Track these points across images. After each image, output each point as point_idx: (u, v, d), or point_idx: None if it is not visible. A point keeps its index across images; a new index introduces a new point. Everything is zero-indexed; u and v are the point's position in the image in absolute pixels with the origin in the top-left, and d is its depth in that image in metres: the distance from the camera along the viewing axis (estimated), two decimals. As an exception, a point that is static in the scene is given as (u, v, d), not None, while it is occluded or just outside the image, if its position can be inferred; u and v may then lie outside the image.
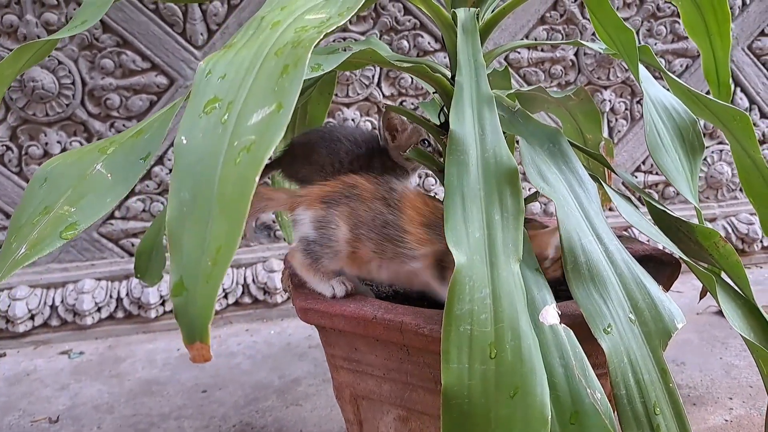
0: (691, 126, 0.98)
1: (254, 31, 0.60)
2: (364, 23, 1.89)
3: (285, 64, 0.53)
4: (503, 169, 0.71)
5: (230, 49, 0.58)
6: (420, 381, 0.86)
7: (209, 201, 0.49)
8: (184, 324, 0.47)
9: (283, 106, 0.51)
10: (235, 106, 0.53)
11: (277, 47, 0.56)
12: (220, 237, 0.47)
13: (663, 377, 0.71)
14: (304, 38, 0.55)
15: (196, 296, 0.47)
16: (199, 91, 0.55)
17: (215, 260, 0.47)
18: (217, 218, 0.48)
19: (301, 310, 0.90)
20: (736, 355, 1.57)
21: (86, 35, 1.75)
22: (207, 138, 0.52)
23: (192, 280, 0.47)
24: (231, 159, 0.50)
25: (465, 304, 0.63)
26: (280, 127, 0.50)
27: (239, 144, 0.50)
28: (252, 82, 0.54)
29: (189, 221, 0.49)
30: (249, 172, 0.48)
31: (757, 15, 2.08)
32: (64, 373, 1.64)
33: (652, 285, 0.76)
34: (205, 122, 0.53)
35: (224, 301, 1.89)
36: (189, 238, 0.48)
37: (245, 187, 0.48)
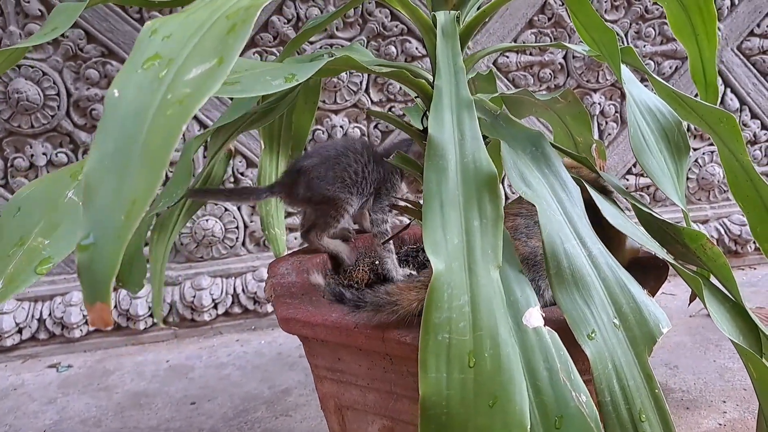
0: (676, 127, 0.97)
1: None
2: (351, 29, 1.88)
3: (233, 23, 0.52)
4: (482, 175, 0.70)
5: (182, 13, 0.56)
6: (404, 390, 0.84)
7: (132, 153, 0.47)
8: (86, 282, 0.44)
9: (224, 60, 0.49)
10: (175, 62, 0.51)
11: (230, 11, 0.54)
12: (137, 189, 0.45)
13: (648, 383, 0.70)
14: (259, 3, 0.53)
15: (103, 252, 0.44)
16: (141, 48, 0.53)
17: (128, 213, 0.44)
18: (137, 170, 0.46)
19: (283, 320, 0.88)
20: (729, 358, 1.56)
21: (70, 46, 1.73)
22: (140, 92, 0.49)
23: (101, 235, 0.45)
24: (162, 112, 0.48)
25: (443, 312, 0.62)
26: (217, 80, 0.48)
27: (173, 97, 0.48)
28: (198, 41, 0.52)
29: (108, 174, 0.46)
30: (177, 122, 0.46)
31: (745, 15, 2.08)
32: (52, 387, 1.62)
33: (636, 289, 0.75)
34: (141, 77, 0.51)
35: (214, 311, 1.88)
36: (105, 191, 0.46)
37: (170, 137, 0.46)
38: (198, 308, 1.84)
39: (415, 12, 0.85)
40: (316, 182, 1.11)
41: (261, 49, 1.84)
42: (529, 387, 0.63)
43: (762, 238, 0.97)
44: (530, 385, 0.63)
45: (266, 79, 0.69)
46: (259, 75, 0.70)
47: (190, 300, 1.85)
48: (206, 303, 1.84)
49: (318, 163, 1.13)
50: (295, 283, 0.99)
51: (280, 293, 0.94)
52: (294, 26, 1.83)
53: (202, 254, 1.92)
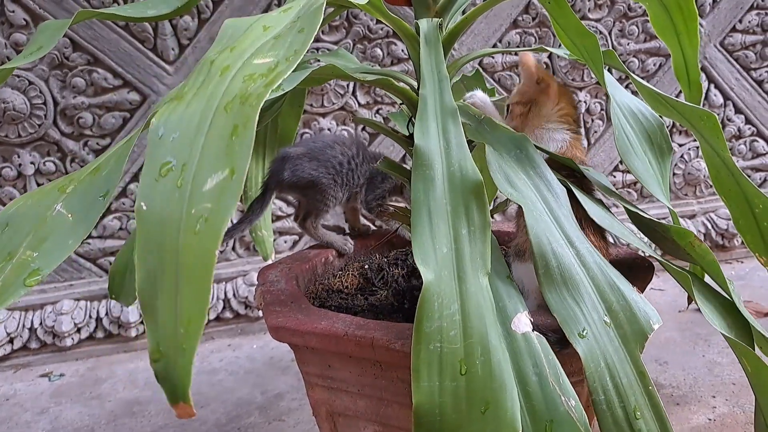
0: (659, 129, 0.99)
1: (204, 78, 0.59)
2: (337, 33, 1.88)
3: (234, 124, 0.53)
4: (469, 183, 0.70)
5: (181, 101, 0.57)
6: (394, 396, 0.85)
7: (175, 270, 0.50)
8: (166, 387, 0.49)
9: (235, 171, 0.51)
10: (189, 169, 0.53)
11: (226, 100, 0.56)
12: (189, 308, 0.48)
13: (642, 380, 0.71)
14: (251, 93, 0.54)
15: (174, 363, 0.48)
16: (154, 153, 0.55)
17: (187, 330, 0.48)
18: (184, 288, 0.49)
19: (273, 328, 0.89)
20: (718, 353, 1.57)
21: (56, 54, 1.73)
22: (165, 204, 0.52)
23: (168, 348, 0.49)
24: (190, 228, 0.50)
25: (434, 322, 0.62)
26: (234, 195, 0.50)
27: (196, 212, 0.50)
28: (203, 141, 0.54)
29: (159, 289, 0.50)
30: (209, 243, 0.49)
31: (727, 11, 2.10)
32: (44, 397, 1.62)
33: (626, 287, 0.76)
34: (162, 186, 0.53)
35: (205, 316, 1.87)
36: (162, 306, 0.49)
37: (207, 260, 0.49)
38: (189, 314, 1.84)
39: (396, 22, 0.86)
40: (300, 166, 1.14)
41: (247, 54, 1.84)
42: (519, 393, 0.64)
43: (745, 230, 0.99)
44: (521, 390, 0.64)
45: (252, 89, 0.69)
46: (246, 85, 0.71)
47: (181, 306, 1.84)
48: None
49: (304, 152, 1.17)
50: (284, 290, 0.99)
51: (270, 301, 0.95)
52: (279, 31, 1.83)
53: (192, 260, 1.92)
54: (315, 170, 1.14)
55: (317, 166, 1.15)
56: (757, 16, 2.11)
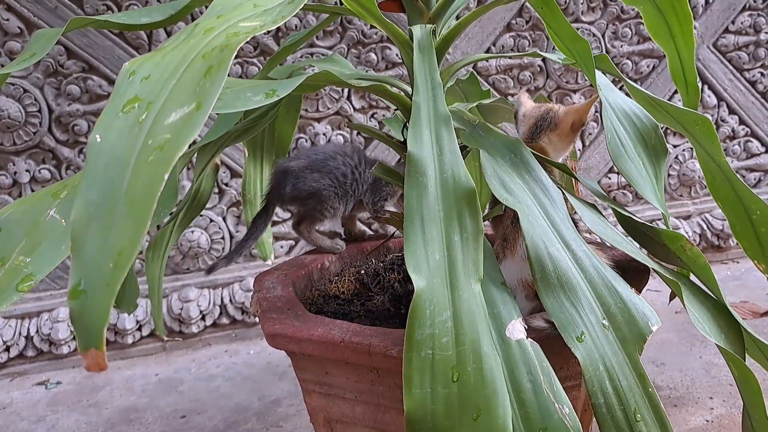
0: (653, 130, 0.99)
1: (186, 36, 0.59)
2: (331, 38, 1.89)
3: (209, 65, 0.53)
4: (461, 190, 0.71)
5: (159, 52, 0.57)
6: (391, 402, 0.85)
7: (116, 201, 0.48)
8: (79, 330, 0.46)
9: (201, 105, 0.50)
10: (154, 106, 0.52)
11: (205, 50, 0.55)
12: (123, 239, 0.46)
13: (641, 382, 0.70)
14: (232, 42, 0.54)
15: (94, 300, 0.45)
16: (120, 91, 0.54)
17: (116, 263, 0.46)
18: (123, 219, 0.47)
19: (269, 336, 0.89)
20: (715, 353, 1.57)
21: (51, 62, 1.73)
22: (122, 137, 0.51)
23: (91, 284, 0.46)
24: (143, 158, 0.49)
25: (426, 329, 0.62)
26: (196, 126, 0.49)
27: (153, 143, 0.49)
28: (175, 83, 0.53)
29: (94, 222, 0.47)
30: (159, 170, 0.47)
31: (720, 12, 2.10)
32: (41, 405, 1.62)
33: (624, 288, 0.76)
34: (122, 121, 0.52)
35: (202, 323, 1.87)
36: (92, 240, 0.47)
37: (153, 186, 0.47)
38: (186, 320, 1.84)
39: (390, 28, 0.86)
40: (302, 180, 1.16)
41: (242, 60, 1.84)
42: (513, 399, 0.64)
43: (741, 236, 0.99)
44: (514, 397, 0.64)
45: (247, 96, 0.70)
46: (240, 92, 0.71)
47: (178, 312, 1.84)
48: (194, 315, 1.84)
49: (305, 164, 1.18)
50: (280, 297, 1.00)
51: (266, 308, 0.95)
52: (274, 36, 1.84)
53: (188, 266, 1.92)
54: (317, 182, 1.15)
55: (319, 177, 1.16)
56: (750, 17, 2.12)
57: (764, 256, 0.95)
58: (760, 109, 2.21)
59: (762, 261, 0.95)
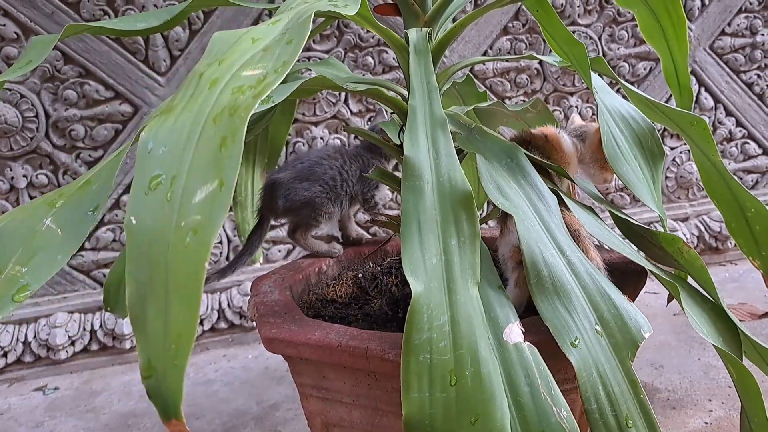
0: (650, 133, 0.99)
1: (193, 91, 0.59)
2: (328, 42, 1.89)
3: (223, 136, 0.53)
4: (458, 194, 0.71)
5: (170, 115, 0.57)
6: (389, 406, 0.85)
7: (165, 284, 0.49)
8: (158, 403, 0.48)
9: (224, 183, 0.51)
10: (178, 182, 0.53)
11: (215, 112, 0.55)
12: (179, 323, 0.48)
13: (633, 389, 0.71)
14: (240, 105, 0.54)
15: (165, 378, 0.48)
16: (143, 166, 0.55)
17: (178, 345, 0.48)
18: (174, 302, 0.49)
19: (266, 340, 0.89)
20: (713, 355, 1.57)
21: (48, 67, 1.73)
22: (155, 218, 0.52)
23: (159, 363, 0.48)
24: (180, 241, 0.50)
25: (424, 333, 0.62)
26: (223, 207, 0.50)
27: (186, 225, 0.50)
28: (192, 154, 0.54)
29: (149, 304, 0.50)
30: (198, 256, 0.49)
31: (716, 15, 2.11)
32: (38, 410, 1.61)
33: (617, 295, 0.76)
34: (151, 200, 0.53)
35: (200, 327, 1.87)
36: (151, 321, 0.49)
37: (197, 273, 0.49)
38: (184, 325, 1.84)
39: (386, 32, 0.86)
40: (293, 191, 1.16)
41: (238, 64, 1.84)
42: (511, 403, 0.64)
43: (737, 233, 0.99)
44: (512, 401, 0.64)
45: (243, 101, 0.70)
46: (236, 97, 0.71)
47: (176, 317, 1.84)
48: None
49: (293, 175, 1.18)
50: (278, 301, 0.99)
51: (263, 312, 0.95)
52: (271, 40, 1.83)
53: (186, 271, 1.91)
54: (307, 191, 1.16)
55: (309, 185, 1.16)
56: (746, 19, 2.12)
57: (759, 253, 0.96)
58: (757, 111, 2.21)
59: (757, 257, 0.96)
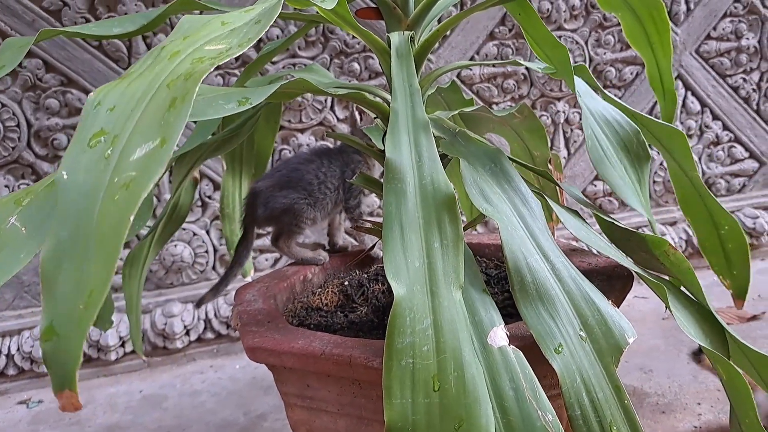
0: (635, 136, 0.98)
1: (152, 61, 0.58)
2: (313, 48, 1.88)
3: (173, 97, 0.52)
4: (441, 196, 0.70)
5: (124, 80, 0.56)
6: (374, 414, 0.84)
7: (87, 241, 0.47)
8: (53, 371, 0.46)
9: (166, 141, 0.50)
10: (120, 140, 0.51)
11: (170, 79, 0.54)
12: (94, 279, 0.46)
13: (617, 394, 0.70)
14: (197, 70, 0.53)
15: (66, 342, 0.45)
16: (86, 123, 0.53)
17: (87, 303, 0.45)
18: (93, 259, 0.47)
19: (249, 349, 0.87)
20: (702, 359, 1.57)
21: (29, 76, 1.71)
22: (89, 174, 0.50)
23: (63, 325, 0.46)
24: (110, 196, 0.48)
25: (406, 337, 0.61)
26: (161, 163, 0.49)
27: (119, 180, 0.49)
28: (140, 115, 0.53)
29: (65, 262, 0.47)
30: (125, 210, 0.47)
31: (701, 19, 2.11)
32: (22, 424, 1.59)
33: (601, 300, 0.75)
34: (88, 157, 0.51)
35: (186, 338, 1.85)
36: (63, 281, 0.47)
37: (119, 227, 0.47)
38: (170, 336, 1.82)
39: (368, 36, 0.85)
40: (272, 198, 1.16)
41: (223, 71, 1.83)
42: (495, 408, 0.63)
43: (710, 251, 0.99)
44: (497, 405, 0.63)
45: (219, 104, 0.69)
46: (212, 99, 0.70)
47: (162, 327, 1.82)
48: (178, 330, 1.82)
49: (272, 183, 1.18)
50: (261, 310, 0.98)
51: (246, 321, 0.93)
52: (255, 47, 1.82)
53: (171, 280, 1.90)
54: (286, 197, 1.15)
55: (288, 192, 1.15)
56: (731, 23, 2.13)
57: (731, 273, 0.95)
58: (743, 115, 2.22)
59: (728, 276, 0.96)
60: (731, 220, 0.93)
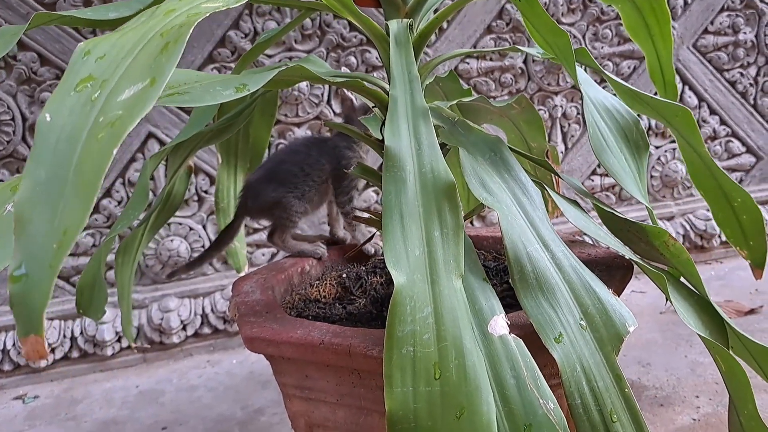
0: (634, 126, 0.98)
1: (147, 17, 0.57)
2: (310, 41, 1.87)
3: (167, 41, 0.51)
4: (441, 184, 0.69)
5: (117, 33, 0.55)
6: (374, 405, 0.83)
7: (64, 180, 0.46)
8: (19, 314, 0.43)
9: (156, 81, 0.49)
10: (108, 84, 0.50)
11: (164, 29, 0.53)
12: (69, 218, 0.45)
13: (618, 383, 0.69)
14: (192, 19, 0.53)
15: (35, 283, 0.43)
16: (74, 70, 0.52)
17: (60, 243, 0.44)
18: (70, 199, 0.45)
19: (247, 339, 0.86)
20: (700, 352, 1.57)
21: (24, 69, 1.70)
22: (73, 115, 0.49)
23: (33, 266, 0.44)
24: (94, 135, 0.47)
25: (407, 326, 0.60)
26: (148, 101, 0.47)
27: (105, 119, 0.47)
28: (131, 61, 0.52)
29: (40, 203, 0.46)
30: (108, 145, 0.46)
31: (699, 13, 2.11)
32: (18, 420, 1.58)
33: (601, 289, 0.75)
34: (74, 100, 0.50)
35: (183, 333, 1.84)
36: (37, 221, 0.45)
37: (101, 162, 0.45)
38: (166, 330, 1.81)
39: (367, 22, 0.84)
40: (261, 191, 1.17)
41: (219, 65, 1.82)
42: (497, 396, 0.62)
43: (724, 223, 0.99)
44: (498, 393, 0.62)
45: (216, 90, 0.68)
46: (209, 86, 0.69)
47: (158, 322, 1.81)
48: (175, 325, 1.81)
49: (261, 175, 1.19)
50: (259, 300, 0.97)
51: (244, 312, 0.92)
52: (251, 40, 1.82)
53: (168, 275, 1.89)
54: (275, 191, 1.16)
55: (276, 186, 1.16)
56: (728, 17, 2.13)
57: (747, 243, 0.95)
58: (740, 110, 2.22)
59: (744, 247, 0.95)
60: (743, 193, 0.92)
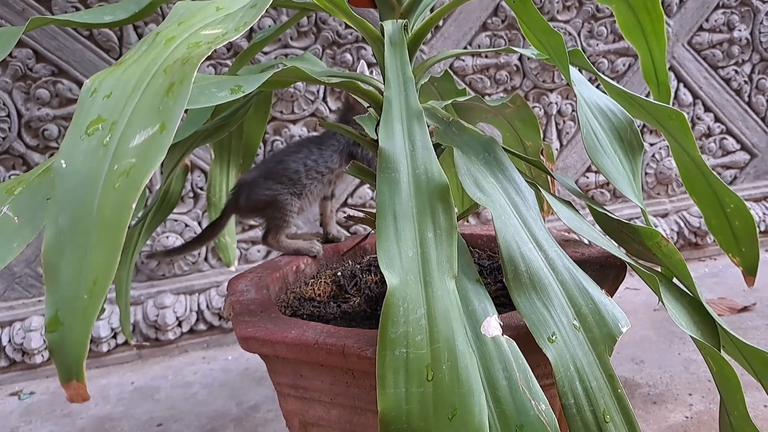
0: (628, 126, 0.98)
1: (147, 47, 0.58)
2: (306, 39, 1.87)
3: (171, 81, 0.52)
4: (434, 186, 0.69)
5: (120, 66, 0.55)
6: (367, 404, 0.84)
7: (88, 229, 0.47)
8: (59, 362, 0.45)
9: (166, 126, 0.49)
10: (118, 127, 0.51)
11: (166, 64, 0.54)
12: (97, 268, 0.46)
13: (611, 383, 0.70)
14: (194, 55, 0.53)
15: (71, 332, 0.45)
16: (83, 111, 0.53)
17: (91, 293, 0.45)
18: (95, 248, 0.46)
19: (242, 339, 0.87)
20: (693, 350, 1.57)
21: (19, 66, 1.70)
22: (87, 161, 0.50)
23: (68, 315, 0.45)
24: (110, 184, 0.48)
25: (400, 327, 0.61)
26: (161, 149, 0.48)
27: (119, 167, 0.48)
28: (137, 101, 0.52)
29: (67, 251, 0.47)
30: (126, 198, 0.47)
31: (694, 11, 2.11)
32: (13, 416, 1.58)
33: (594, 290, 0.75)
34: (86, 144, 0.51)
35: (178, 329, 1.85)
36: (66, 269, 0.46)
37: (122, 215, 0.46)
38: (162, 327, 1.81)
39: (361, 23, 0.85)
40: (255, 190, 1.16)
41: (215, 62, 1.82)
42: (489, 397, 0.63)
43: (717, 230, 0.99)
44: (490, 395, 0.63)
45: (211, 91, 0.68)
46: (204, 87, 0.69)
47: (154, 319, 1.81)
48: (170, 321, 1.81)
49: (257, 174, 1.19)
50: (254, 300, 0.98)
51: (239, 311, 0.93)
52: (247, 37, 1.81)
53: (163, 272, 1.89)
54: (270, 189, 1.16)
55: (272, 184, 1.16)
56: (723, 15, 2.13)
57: (739, 250, 0.95)
58: (735, 107, 2.22)
59: (737, 254, 0.96)
60: (736, 199, 0.93)
